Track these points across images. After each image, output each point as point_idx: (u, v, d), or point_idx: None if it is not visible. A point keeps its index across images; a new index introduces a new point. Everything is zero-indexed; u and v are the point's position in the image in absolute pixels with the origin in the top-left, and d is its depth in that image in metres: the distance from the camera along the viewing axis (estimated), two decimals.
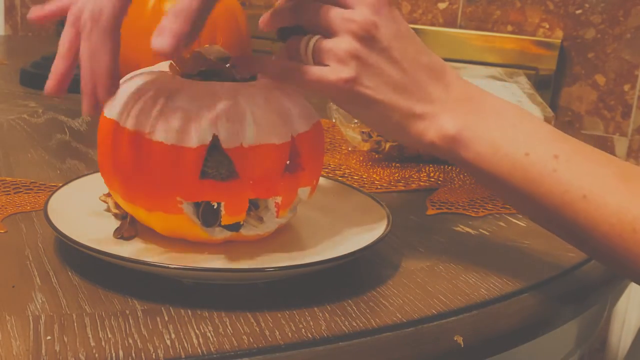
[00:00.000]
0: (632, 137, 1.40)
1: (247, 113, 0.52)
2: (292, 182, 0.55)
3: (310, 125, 0.56)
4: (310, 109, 0.57)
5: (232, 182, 0.52)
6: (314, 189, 0.58)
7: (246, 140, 0.52)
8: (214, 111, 0.51)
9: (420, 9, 1.51)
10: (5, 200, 0.67)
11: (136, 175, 0.54)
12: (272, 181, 0.53)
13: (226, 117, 0.51)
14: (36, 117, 0.99)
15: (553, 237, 0.54)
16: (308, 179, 0.56)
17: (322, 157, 0.59)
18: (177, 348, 0.46)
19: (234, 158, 0.52)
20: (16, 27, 1.83)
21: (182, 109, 0.52)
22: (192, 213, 0.53)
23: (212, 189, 0.52)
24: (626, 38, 1.36)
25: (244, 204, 0.53)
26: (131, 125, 0.53)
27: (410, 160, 0.87)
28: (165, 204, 0.53)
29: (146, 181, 0.53)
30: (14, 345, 0.45)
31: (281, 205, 0.55)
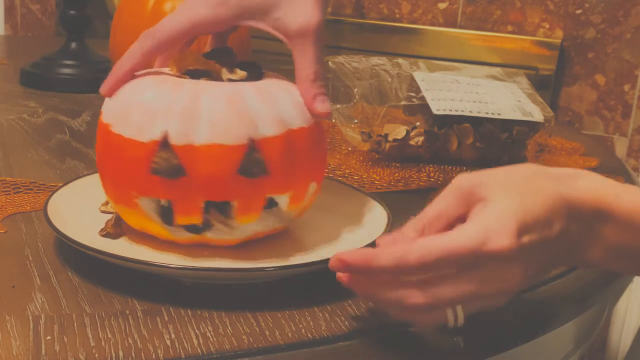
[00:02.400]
0: (632, 137, 1.40)
1: (203, 112, 0.52)
2: (252, 187, 0.53)
3: (283, 130, 0.53)
4: (290, 115, 0.54)
5: (179, 180, 0.51)
6: (299, 197, 0.56)
7: (197, 139, 0.51)
8: (171, 108, 0.52)
9: (420, 9, 1.51)
10: (5, 200, 0.67)
11: (105, 167, 0.56)
12: (222, 183, 0.52)
13: (180, 114, 0.51)
14: (36, 117, 0.99)
15: None
16: (279, 186, 0.54)
17: (307, 164, 0.56)
18: (177, 348, 0.46)
19: (181, 156, 0.51)
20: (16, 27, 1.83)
21: (144, 104, 0.53)
22: (151, 210, 0.53)
23: (160, 186, 0.52)
24: (626, 38, 1.36)
25: (195, 205, 0.52)
26: (104, 119, 0.55)
27: (410, 160, 0.87)
28: (125, 198, 0.54)
29: (110, 173, 0.55)
30: (14, 345, 0.45)
31: (239, 210, 0.53)
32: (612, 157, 0.98)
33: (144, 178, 0.52)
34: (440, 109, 0.82)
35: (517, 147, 0.86)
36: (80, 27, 1.18)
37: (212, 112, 0.52)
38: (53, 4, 1.79)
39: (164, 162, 0.51)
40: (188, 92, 0.53)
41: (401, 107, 0.89)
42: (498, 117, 0.83)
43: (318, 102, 0.56)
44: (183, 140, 0.51)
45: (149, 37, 0.58)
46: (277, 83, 0.56)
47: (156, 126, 0.52)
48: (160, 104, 0.52)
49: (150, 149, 0.51)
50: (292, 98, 0.56)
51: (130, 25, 1.02)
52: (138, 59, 0.57)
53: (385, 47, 1.46)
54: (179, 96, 0.52)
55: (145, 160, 0.52)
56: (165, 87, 0.53)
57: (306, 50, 0.57)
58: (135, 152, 0.52)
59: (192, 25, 0.58)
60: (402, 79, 0.89)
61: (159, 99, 0.53)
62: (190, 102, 0.52)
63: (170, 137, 0.51)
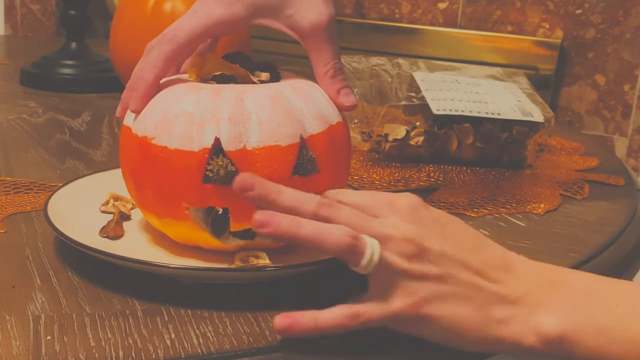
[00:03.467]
0: (632, 137, 1.40)
1: (252, 114, 0.51)
2: (305, 186, 0.52)
3: (326, 126, 0.54)
4: (328, 111, 0.55)
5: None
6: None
7: (250, 142, 0.51)
8: (217, 114, 0.51)
9: (420, 9, 1.51)
10: (5, 200, 0.67)
11: (145, 182, 0.54)
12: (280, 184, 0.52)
13: (229, 119, 0.51)
14: (36, 117, 0.99)
15: (553, 238, 0.54)
16: (326, 181, 0.54)
17: (345, 159, 0.57)
18: (177, 348, 0.46)
19: (236, 161, 0.51)
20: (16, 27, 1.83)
21: (186, 113, 0.52)
22: (200, 220, 0.52)
23: (215, 194, 0.51)
24: (626, 38, 1.36)
25: (252, 209, 0.51)
26: (139, 132, 0.53)
27: (410, 160, 0.87)
28: (173, 211, 0.52)
29: (154, 187, 0.53)
30: (14, 345, 0.45)
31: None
32: (612, 157, 0.98)
33: (196, 188, 0.51)
34: (440, 109, 0.82)
35: (517, 147, 0.87)
36: (80, 27, 1.18)
37: (260, 115, 0.51)
38: (53, 4, 1.79)
39: (220, 170, 0.51)
40: (230, 97, 0.52)
41: (401, 107, 0.89)
42: (498, 117, 0.83)
43: (343, 96, 0.57)
44: (236, 146, 0.51)
45: (166, 42, 0.56)
46: (305, 82, 0.57)
47: (206, 134, 0.51)
48: (205, 111, 0.51)
49: (202, 157, 0.51)
50: (324, 95, 0.57)
51: (130, 25, 1.02)
52: (160, 66, 0.56)
53: (385, 47, 1.46)
54: (222, 101, 0.52)
55: (197, 170, 0.51)
56: (204, 93, 0.53)
57: (321, 47, 0.57)
58: (184, 162, 0.51)
59: (210, 24, 0.57)
60: (402, 79, 0.89)
61: (201, 106, 0.52)
62: (235, 107, 0.51)
63: (223, 143, 0.51)
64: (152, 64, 0.56)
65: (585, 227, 0.70)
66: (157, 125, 0.52)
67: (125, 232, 0.59)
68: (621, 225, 0.72)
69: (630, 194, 0.81)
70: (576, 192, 0.79)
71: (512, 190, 0.79)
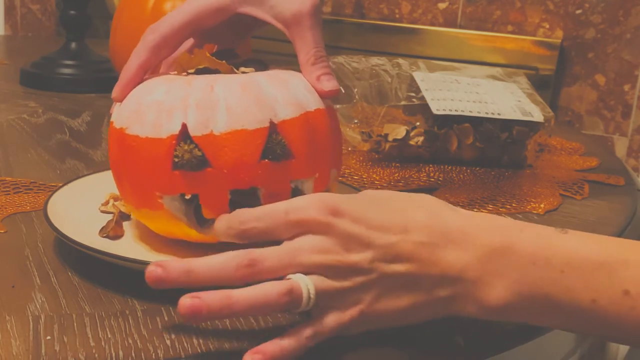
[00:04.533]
0: (632, 137, 1.40)
1: (220, 101, 0.51)
2: (277, 171, 0.52)
3: (301, 112, 0.53)
4: (305, 97, 0.54)
5: (204, 172, 0.51)
6: (323, 183, 0.55)
7: (217, 127, 0.50)
8: (186, 101, 0.51)
9: (420, 9, 1.51)
10: (5, 200, 0.67)
11: (122, 173, 0.54)
12: (248, 169, 0.51)
13: (197, 105, 0.51)
14: (36, 117, 0.99)
15: None
16: (304, 169, 0.53)
17: (328, 147, 0.55)
18: (177, 348, 0.46)
19: (203, 146, 0.50)
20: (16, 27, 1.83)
21: (157, 102, 0.52)
22: (173, 208, 0.52)
23: (184, 181, 0.51)
24: (626, 38, 1.36)
25: (222, 196, 0.51)
26: (117, 124, 0.54)
27: (410, 160, 0.87)
28: (148, 201, 0.53)
29: (129, 178, 0.54)
30: (13, 345, 0.45)
31: (266, 197, 0.52)
32: (612, 157, 0.98)
33: (166, 175, 0.51)
34: (440, 109, 0.82)
35: (517, 147, 0.87)
36: (80, 27, 1.18)
37: (228, 101, 0.51)
38: (53, 4, 1.79)
39: (186, 155, 0.50)
40: (201, 85, 0.52)
41: (401, 107, 0.89)
42: (498, 117, 0.83)
43: (323, 82, 0.56)
44: (202, 131, 0.50)
45: (150, 33, 0.57)
46: (286, 71, 0.56)
47: (173, 120, 0.51)
48: (175, 99, 0.52)
49: (170, 144, 0.51)
50: (304, 83, 0.56)
51: (130, 25, 1.02)
52: (143, 56, 0.57)
53: (385, 47, 1.46)
54: (193, 89, 0.52)
55: (165, 157, 0.51)
56: (176, 83, 0.53)
57: (304, 35, 0.57)
58: (154, 150, 0.51)
59: (195, 14, 0.57)
60: (402, 79, 0.89)
61: (171, 94, 0.52)
62: (204, 93, 0.51)
63: (190, 129, 0.51)
64: (136, 54, 0.57)
65: (585, 227, 0.70)
66: (130, 115, 0.53)
67: (125, 232, 0.59)
68: (621, 225, 0.72)
69: (630, 194, 0.81)
70: (576, 192, 0.79)
71: (512, 190, 0.79)
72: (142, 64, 0.57)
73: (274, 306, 0.44)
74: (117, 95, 0.56)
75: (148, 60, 0.57)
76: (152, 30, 0.58)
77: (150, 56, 0.57)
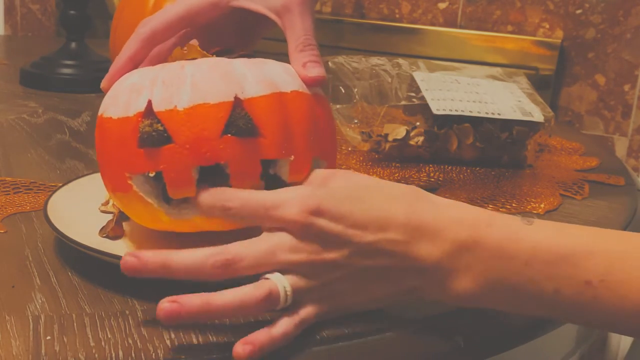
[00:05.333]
0: (632, 137, 1.40)
1: (187, 77, 0.51)
2: (243, 148, 0.50)
3: (272, 90, 0.52)
4: (281, 78, 0.53)
5: (166, 148, 0.50)
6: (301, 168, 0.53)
7: (181, 103, 0.50)
8: (155, 80, 0.51)
9: (420, 9, 1.51)
10: (5, 200, 0.67)
11: (100, 157, 0.55)
12: (209, 144, 0.49)
13: (163, 82, 0.51)
14: (36, 117, 0.99)
15: None
16: (274, 149, 0.51)
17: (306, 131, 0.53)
18: (177, 348, 0.46)
19: (165, 122, 0.50)
20: (16, 27, 1.83)
21: (131, 84, 0.52)
22: (144, 191, 0.52)
23: (147, 157, 0.50)
24: (626, 38, 1.36)
25: (187, 173, 0.50)
26: (99, 111, 0.55)
27: (410, 160, 0.87)
28: (120, 183, 0.52)
29: (105, 161, 0.54)
30: (13, 345, 0.45)
31: (234, 175, 0.50)
32: (612, 157, 0.98)
33: (132, 154, 0.51)
34: (440, 109, 0.82)
35: (517, 147, 0.87)
36: (80, 27, 1.18)
37: (195, 77, 0.51)
38: (53, 4, 1.79)
39: (147, 129, 0.50)
40: (173, 66, 0.52)
41: (401, 107, 0.89)
42: (498, 117, 0.83)
43: (309, 68, 0.55)
44: (166, 106, 0.50)
45: (143, 25, 0.58)
46: (271, 60, 0.55)
47: (140, 98, 0.51)
48: (145, 79, 0.52)
49: (136, 121, 0.51)
50: (284, 67, 0.55)
51: (130, 25, 1.02)
52: (134, 48, 0.57)
53: (385, 47, 1.46)
54: (163, 70, 0.52)
55: (132, 135, 0.51)
56: (153, 67, 0.54)
57: (293, 23, 0.57)
58: (123, 129, 0.51)
59: (188, 9, 0.58)
60: (402, 79, 0.88)
61: (144, 76, 0.52)
62: (173, 72, 0.51)
63: (154, 105, 0.50)
64: (127, 46, 0.58)
65: None
66: (107, 100, 0.54)
67: (125, 232, 0.59)
68: (621, 225, 0.72)
69: (630, 194, 0.81)
70: (576, 192, 0.79)
71: (512, 190, 0.79)
72: (131, 56, 0.57)
73: (253, 310, 0.46)
74: (104, 85, 0.57)
75: (138, 53, 0.57)
76: (144, 24, 0.58)
77: (140, 49, 0.58)
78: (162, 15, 0.58)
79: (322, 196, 0.47)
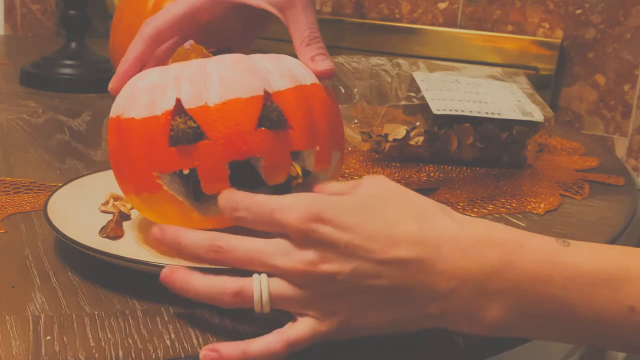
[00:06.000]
0: (632, 137, 1.40)
1: (213, 74, 0.51)
2: (275, 140, 0.51)
3: (296, 84, 0.53)
4: (300, 72, 0.54)
5: (200, 145, 0.50)
6: (325, 158, 0.54)
7: (211, 99, 0.50)
8: (179, 78, 0.51)
9: (420, 9, 1.51)
10: (5, 200, 0.67)
11: (121, 160, 0.54)
12: (244, 139, 0.50)
13: (190, 79, 0.51)
14: (36, 117, 0.99)
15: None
16: (303, 139, 0.52)
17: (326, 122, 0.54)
18: (177, 348, 0.46)
19: (198, 118, 0.50)
20: (16, 27, 1.83)
21: (151, 84, 0.52)
22: (172, 187, 0.52)
23: (180, 155, 0.50)
24: (626, 38, 1.36)
25: (221, 168, 0.50)
26: (113, 113, 0.54)
27: (410, 160, 0.87)
28: (147, 183, 0.52)
29: (128, 163, 0.53)
30: (13, 345, 0.45)
31: (267, 168, 0.51)
32: (612, 157, 0.98)
33: (163, 152, 0.51)
34: (440, 109, 0.82)
35: (517, 147, 0.86)
36: (80, 27, 1.18)
37: (221, 74, 0.51)
38: (53, 4, 1.79)
39: (181, 126, 0.50)
40: (194, 64, 0.53)
41: (401, 107, 0.89)
42: (498, 117, 0.83)
43: (317, 62, 0.56)
44: (197, 103, 0.50)
45: (147, 24, 0.58)
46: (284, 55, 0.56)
47: (167, 97, 0.51)
48: (168, 78, 0.52)
49: (165, 120, 0.50)
50: (298, 62, 0.56)
51: (130, 25, 1.02)
52: (139, 48, 0.57)
53: (385, 47, 1.46)
54: (185, 68, 0.52)
55: (161, 134, 0.50)
56: (170, 67, 0.54)
57: (297, 18, 0.57)
58: (150, 129, 0.51)
59: (191, 7, 0.58)
60: (402, 79, 0.88)
61: (165, 75, 0.52)
62: (197, 69, 0.52)
63: (184, 102, 0.50)
64: (132, 46, 0.58)
65: (585, 227, 0.70)
66: (125, 101, 0.53)
67: (125, 232, 0.59)
68: (621, 225, 0.72)
69: (630, 194, 0.81)
70: (576, 192, 0.79)
71: (512, 190, 0.79)
72: (138, 56, 0.57)
73: (222, 302, 0.45)
74: (113, 87, 0.57)
75: (144, 52, 0.57)
76: (148, 23, 0.58)
77: (146, 48, 0.57)
78: (166, 14, 0.58)
79: (325, 203, 0.44)
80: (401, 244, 0.43)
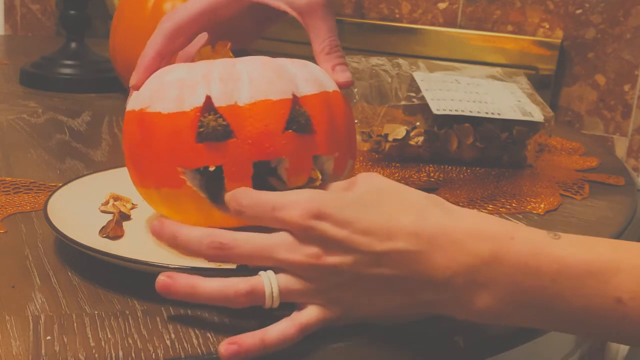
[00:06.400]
0: (632, 137, 1.40)
1: (243, 74, 0.52)
2: (300, 144, 0.52)
3: (321, 89, 0.54)
4: (324, 78, 0.56)
5: (228, 143, 0.51)
6: (341, 164, 0.55)
7: (241, 99, 0.51)
8: (209, 75, 0.52)
9: (420, 9, 1.51)
10: (5, 200, 0.67)
11: (142, 154, 0.54)
12: (271, 140, 0.51)
13: (220, 78, 0.51)
14: (36, 117, 0.99)
15: None
16: (325, 145, 0.53)
17: (344, 128, 0.56)
18: (177, 348, 0.46)
19: (227, 117, 0.51)
20: (16, 27, 1.83)
21: (179, 79, 0.53)
22: (195, 182, 0.52)
23: (208, 153, 0.51)
24: (626, 38, 1.36)
25: (246, 167, 0.51)
26: (136, 107, 0.54)
27: (410, 160, 0.87)
28: (170, 178, 0.52)
29: (150, 157, 0.53)
30: (13, 345, 0.45)
31: (290, 170, 0.52)
32: (612, 157, 0.98)
33: (189, 148, 0.51)
34: (440, 109, 0.82)
35: (517, 147, 0.86)
36: (80, 27, 1.18)
37: (251, 74, 0.52)
38: (53, 4, 1.79)
39: (212, 123, 0.51)
40: (223, 62, 0.53)
41: (401, 107, 0.89)
42: (498, 117, 0.83)
43: (338, 72, 0.57)
44: (227, 101, 0.51)
45: (166, 20, 0.58)
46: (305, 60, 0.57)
47: (197, 93, 0.51)
48: (197, 75, 0.52)
49: (194, 116, 0.51)
50: (319, 68, 0.57)
51: (130, 25, 1.02)
52: (159, 43, 0.57)
53: (385, 47, 1.46)
54: (214, 66, 0.52)
55: (189, 130, 0.51)
56: (197, 63, 0.54)
57: (318, 24, 0.58)
58: (177, 124, 0.51)
59: (210, 4, 0.58)
60: (402, 79, 0.88)
61: (194, 71, 0.53)
62: (227, 68, 0.52)
63: (214, 100, 0.51)
64: (153, 41, 0.58)
65: (585, 227, 0.70)
66: (152, 94, 0.53)
67: (125, 232, 0.59)
68: (621, 225, 0.72)
69: (630, 194, 0.81)
70: (576, 192, 0.79)
71: (512, 190, 0.79)
72: (159, 51, 0.57)
73: (233, 303, 0.46)
74: (135, 82, 0.57)
75: (164, 47, 0.58)
76: (168, 18, 0.58)
77: (166, 43, 0.58)
78: (186, 9, 0.58)
79: (324, 200, 0.46)
80: (398, 236, 0.45)
